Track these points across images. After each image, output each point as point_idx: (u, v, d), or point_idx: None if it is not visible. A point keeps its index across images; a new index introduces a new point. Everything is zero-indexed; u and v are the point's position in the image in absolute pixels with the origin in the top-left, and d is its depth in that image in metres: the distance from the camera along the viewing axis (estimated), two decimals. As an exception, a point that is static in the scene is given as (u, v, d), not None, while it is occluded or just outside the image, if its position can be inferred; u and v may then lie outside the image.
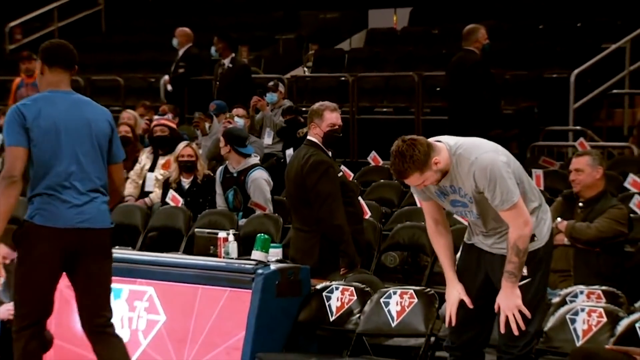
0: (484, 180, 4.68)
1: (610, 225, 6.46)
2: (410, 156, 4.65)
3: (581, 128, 10.46)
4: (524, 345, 4.84)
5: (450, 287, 5.00)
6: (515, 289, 4.77)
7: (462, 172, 4.72)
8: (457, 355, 5.01)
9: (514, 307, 4.78)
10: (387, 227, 8.20)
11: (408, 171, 4.68)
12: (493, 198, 4.70)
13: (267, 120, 10.69)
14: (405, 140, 4.69)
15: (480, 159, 4.68)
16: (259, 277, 6.10)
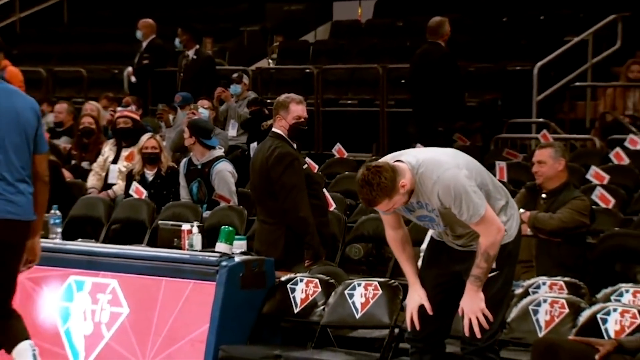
0: (449, 198, 4.72)
1: (572, 216, 6.51)
2: (377, 184, 4.68)
3: (544, 120, 10.53)
4: (488, 337, 4.88)
5: (412, 291, 5.03)
6: (479, 292, 4.82)
7: (426, 191, 4.76)
8: (419, 346, 5.04)
9: (477, 310, 4.83)
10: (352, 219, 8.21)
11: (377, 199, 4.72)
12: (460, 214, 4.76)
13: (231, 112, 10.67)
14: (369, 169, 4.72)
15: (442, 178, 4.71)
16: (223, 269, 6.09)
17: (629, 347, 4.86)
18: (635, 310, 5.22)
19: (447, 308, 5.00)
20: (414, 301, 4.99)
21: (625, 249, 6.80)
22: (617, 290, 5.68)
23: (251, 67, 12.81)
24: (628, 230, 7.08)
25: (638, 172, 8.72)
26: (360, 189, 4.75)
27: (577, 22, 11.99)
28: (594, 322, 5.25)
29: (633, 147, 9.24)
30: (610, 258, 6.89)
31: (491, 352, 4.90)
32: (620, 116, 10.19)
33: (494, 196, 4.88)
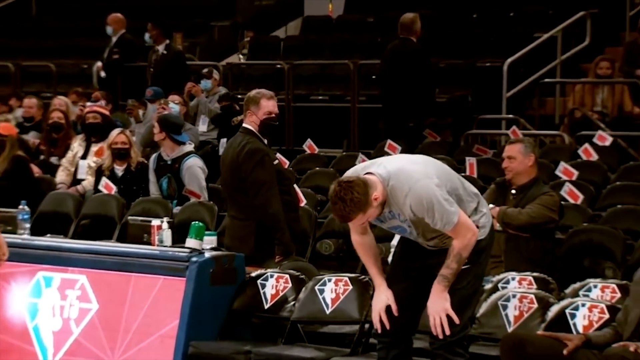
0: (422, 209, 4.74)
1: (541, 211, 6.55)
2: (350, 199, 4.68)
3: (514, 116, 10.57)
4: (456, 332, 4.90)
5: (378, 292, 5.04)
6: (444, 292, 4.84)
7: (398, 202, 4.77)
8: (386, 341, 5.05)
9: (441, 310, 4.85)
10: (323, 215, 8.22)
11: (351, 214, 4.72)
12: (434, 223, 4.78)
13: (202, 107, 10.63)
14: (341, 185, 4.71)
15: (413, 190, 4.72)
16: (193, 265, 6.08)
17: (597, 342, 4.90)
18: (603, 306, 5.27)
19: (416, 303, 5.02)
20: (380, 301, 5.00)
21: (593, 244, 6.85)
22: (585, 286, 5.72)
23: (222, 62, 12.76)
24: (596, 226, 7.14)
25: (606, 168, 8.79)
26: (333, 206, 4.75)
27: (546, 18, 12.05)
28: (563, 317, 5.29)
29: (601, 143, 9.30)
30: (578, 253, 6.94)
31: (459, 347, 4.92)
32: (589, 112, 10.26)
33: (465, 199, 4.91)
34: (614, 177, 8.59)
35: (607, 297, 5.58)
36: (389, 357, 5.02)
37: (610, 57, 10.72)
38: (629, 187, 8.11)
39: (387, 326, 4.97)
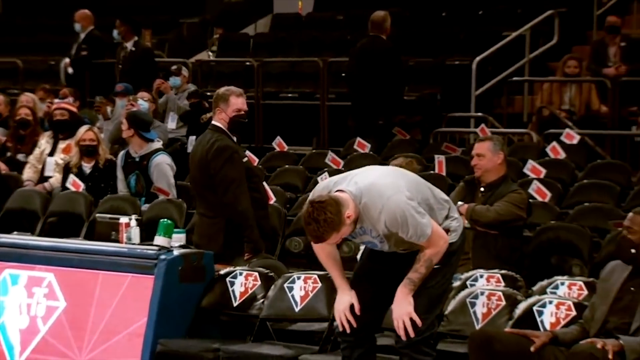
0: (396, 224, 4.77)
1: (509, 209, 6.58)
2: (324, 220, 4.69)
3: (482, 115, 10.62)
4: (422, 331, 4.91)
5: (341, 294, 5.04)
6: (409, 296, 4.86)
7: (372, 219, 4.80)
8: (350, 341, 5.05)
9: (405, 314, 4.86)
10: (292, 213, 8.22)
11: (325, 235, 4.74)
12: (408, 237, 4.81)
13: (170, 104, 10.60)
14: (313, 205, 4.72)
15: (387, 206, 4.75)
16: (161, 263, 6.06)
17: (563, 339, 4.94)
18: (570, 303, 5.31)
19: (380, 302, 5.02)
20: (343, 302, 5.00)
21: (560, 242, 6.90)
22: (552, 283, 5.76)
23: (191, 59, 12.73)
24: (563, 224, 7.19)
25: (574, 166, 8.85)
26: (307, 227, 4.77)
27: (514, 17, 12.12)
28: (530, 314, 5.32)
29: (569, 141, 9.36)
30: (546, 251, 6.99)
31: (426, 345, 4.93)
32: (556, 111, 10.32)
33: (436, 207, 4.95)
34: (582, 175, 8.65)
35: (574, 295, 5.62)
36: (354, 356, 5.02)
37: (578, 56, 10.80)
38: (596, 185, 8.17)
39: (353, 324, 4.97)
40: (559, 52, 11.31)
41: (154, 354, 5.94)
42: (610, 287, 4.92)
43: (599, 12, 11.95)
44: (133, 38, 11.33)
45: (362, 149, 9.80)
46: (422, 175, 7.78)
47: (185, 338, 6.05)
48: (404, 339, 4.87)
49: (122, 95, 10.32)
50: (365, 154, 9.71)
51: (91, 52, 11.90)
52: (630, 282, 4.88)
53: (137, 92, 10.25)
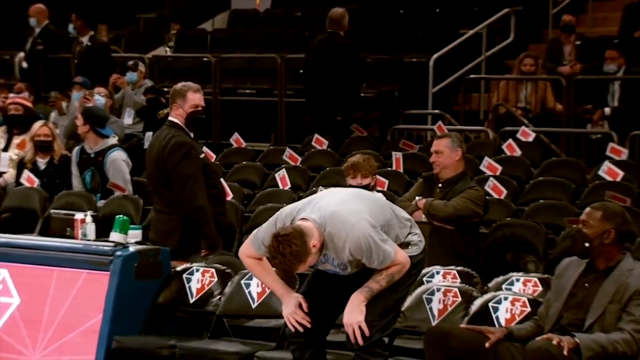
0: (360, 252, 4.82)
1: (466, 205, 6.62)
2: (290, 253, 4.73)
3: (439, 112, 10.68)
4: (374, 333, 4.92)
5: (287, 297, 5.04)
6: (363, 304, 4.89)
7: (337, 247, 4.85)
8: (300, 342, 5.05)
9: (355, 322, 4.88)
10: (249, 209, 8.21)
11: (293, 267, 4.77)
12: (371, 263, 4.87)
13: (127, 100, 10.53)
14: (278, 239, 4.75)
15: (351, 235, 4.80)
16: (117, 259, 6.03)
17: (518, 335, 4.98)
18: (525, 299, 5.35)
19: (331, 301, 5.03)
20: (291, 304, 5.01)
21: (516, 238, 6.96)
22: (508, 279, 5.80)
23: (148, 54, 12.65)
24: (519, 221, 7.25)
25: (529, 163, 8.93)
26: (273, 260, 4.81)
27: (471, 15, 12.20)
28: (486, 311, 5.36)
29: (525, 139, 9.44)
30: (501, 247, 7.04)
31: (378, 346, 4.94)
32: (512, 108, 10.41)
33: (398, 226, 5.01)
34: (537, 173, 8.74)
35: (529, 291, 5.67)
36: (305, 357, 5.03)
37: (534, 54, 10.90)
38: (551, 183, 8.25)
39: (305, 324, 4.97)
40: (515, 50, 11.41)
41: (109, 351, 5.90)
42: (564, 284, 4.97)
43: (554, 10, 12.07)
44: (89, 33, 11.24)
45: (320, 145, 9.81)
46: (380, 172, 7.86)
47: (141, 335, 6.02)
48: (353, 343, 4.90)
49: (79, 87, 10.23)
50: (323, 150, 9.73)
51: (46, 47, 11.79)
52: (584, 278, 4.93)
53: (94, 87, 10.18)
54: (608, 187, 7.65)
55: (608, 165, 8.20)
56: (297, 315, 4.99)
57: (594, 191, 7.81)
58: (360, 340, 4.86)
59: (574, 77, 10.24)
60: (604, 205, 4.97)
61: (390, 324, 5.02)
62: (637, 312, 4.74)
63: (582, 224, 4.92)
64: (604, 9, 12.45)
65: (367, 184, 6.68)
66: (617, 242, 4.88)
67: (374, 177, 6.77)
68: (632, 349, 4.71)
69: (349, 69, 9.69)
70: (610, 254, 4.89)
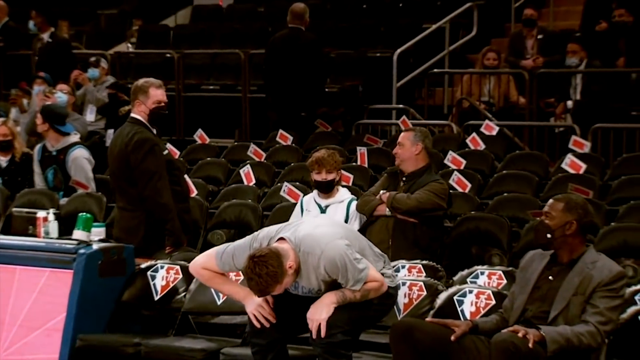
0: (335, 269, 4.90)
1: (429, 198, 6.63)
2: (266, 273, 4.79)
3: (404, 106, 10.71)
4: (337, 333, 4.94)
5: (249, 298, 5.05)
6: (332, 305, 4.92)
7: (311, 266, 4.90)
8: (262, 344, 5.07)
9: (317, 320, 4.92)
10: (214, 205, 8.19)
11: (269, 288, 4.83)
12: (346, 282, 4.93)
13: (89, 96, 10.46)
14: (254, 260, 4.80)
15: (326, 252, 4.88)
16: (80, 257, 6.00)
17: (483, 327, 5.00)
18: (490, 292, 5.38)
19: (294, 305, 5.05)
20: (254, 302, 5.03)
21: (480, 232, 6.99)
22: (472, 273, 5.84)
23: (109, 51, 12.57)
24: (483, 214, 7.29)
25: (493, 157, 8.97)
26: (249, 282, 4.83)
27: (434, 9, 12.24)
28: (451, 304, 5.38)
29: (488, 132, 9.48)
30: (466, 241, 7.08)
31: (342, 347, 4.95)
32: (476, 102, 10.46)
33: (373, 259, 5.08)
34: (501, 166, 8.78)
35: (493, 284, 5.71)
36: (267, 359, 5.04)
37: (496, 49, 10.96)
38: (515, 176, 8.30)
39: (270, 319, 4.99)
40: (478, 44, 11.47)
41: (73, 349, 5.87)
42: (529, 276, 4.99)
43: (516, 4, 12.14)
44: (49, 29, 11.15)
45: (285, 141, 9.80)
46: (345, 167, 7.86)
47: (105, 333, 6.00)
48: (314, 337, 4.92)
49: (40, 81, 10.14)
50: (287, 146, 9.72)
51: (6, 44, 11.69)
52: (548, 271, 4.96)
53: (55, 84, 10.10)
54: (571, 180, 7.70)
55: (571, 158, 8.25)
56: (264, 309, 4.99)
57: (557, 184, 7.87)
58: (314, 336, 4.89)
59: (537, 70, 10.30)
60: (566, 197, 5.00)
61: (353, 333, 5.03)
62: (601, 304, 4.77)
63: (545, 215, 4.95)
64: (565, 3, 12.54)
65: (332, 179, 6.69)
66: (579, 233, 4.91)
67: (338, 172, 6.78)
68: (596, 341, 4.75)
69: (312, 64, 9.68)
70: (573, 245, 4.92)
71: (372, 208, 6.64)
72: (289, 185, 7.83)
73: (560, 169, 8.34)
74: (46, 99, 9.22)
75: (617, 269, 4.85)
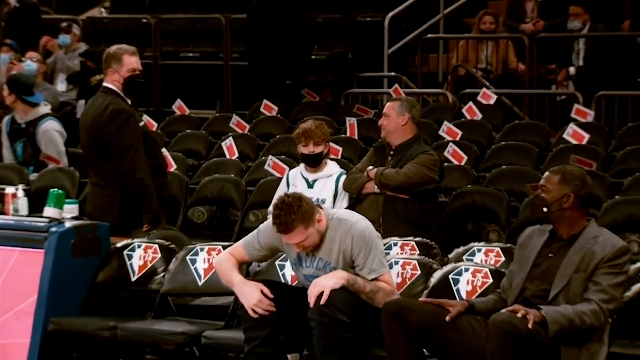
0: (361, 244, 5.06)
1: (419, 171, 6.62)
2: (298, 206, 4.97)
3: (396, 74, 10.70)
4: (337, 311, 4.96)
5: (245, 287, 5.13)
6: (340, 280, 4.98)
7: (339, 234, 5.04)
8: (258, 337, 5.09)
9: (322, 285, 4.96)
10: (194, 180, 8.19)
11: (295, 222, 4.96)
12: (364, 264, 5.04)
13: (60, 65, 10.43)
14: (288, 195, 5.05)
15: (360, 223, 5.11)
16: (52, 236, 6.00)
17: (480, 308, 5.02)
18: (487, 270, 5.40)
19: (297, 302, 5.10)
20: (254, 295, 5.06)
21: (477, 206, 7.02)
22: (469, 250, 5.85)
23: (81, 16, 12.52)
24: (480, 188, 7.31)
25: (491, 127, 8.99)
26: (277, 212, 4.97)
27: (427, -30, 12.20)
28: (446, 283, 5.41)
29: (486, 101, 9.49)
30: (462, 216, 7.11)
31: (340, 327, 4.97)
32: (472, 69, 10.46)
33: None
34: (499, 137, 8.80)
35: (491, 262, 5.73)
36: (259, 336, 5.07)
37: (494, 12, 10.94)
38: (514, 147, 8.33)
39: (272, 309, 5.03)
40: (474, 7, 11.44)
41: (46, 333, 5.88)
42: (527, 254, 5.01)
43: (515, -36, 12.10)
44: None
45: (269, 111, 9.80)
46: (334, 139, 7.87)
47: (79, 316, 6.00)
48: (311, 305, 4.94)
49: (7, 49, 10.09)
50: (272, 117, 9.73)
51: (-30, 9, 11.63)
52: (547, 247, 4.97)
53: (23, 51, 10.05)
54: (573, 151, 7.73)
55: (573, 127, 8.28)
56: (262, 304, 5.06)
57: (559, 155, 7.89)
58: (312, 301, 4.92)
59: (537, 35, 10.29)
60: (562, 169, 5.01)
61: (351, 322, 5.02)
62: (604, 281, 4.79)
63: (541, 189, 4.97)
64: (567, -37, 12.52)
65: (319, 152, 6.69)
66: (578, 206, 4.92)
67: (327, 145, 6.78)
68: (599, 320, 4.77)
69: (298, 30, 9.66)
70: (573, 220, 4.93)
71: (360, 186, 6.65)
72: (273, 159, 7.84)
73: (561, 140, 8.36)
74: (13, 67, 9.18)
75: (620, 244, 4.86)
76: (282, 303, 5.11)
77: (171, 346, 5.65)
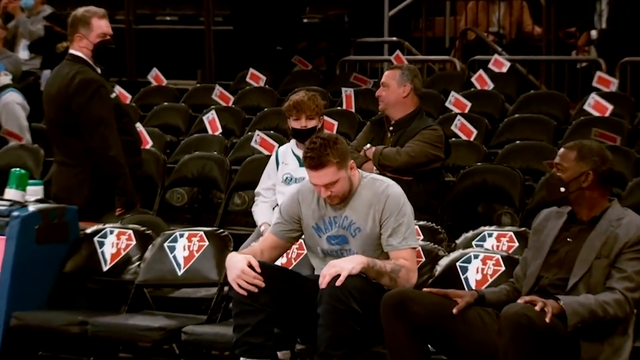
0: (394, 208, 5.13)
1: (423, 149, 6.63)
2: (335, 142, 5.09)
3: (397, 39, 10.72)
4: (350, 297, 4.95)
5: (231, 259, 5.11)
6: (359, 264, 4.98)
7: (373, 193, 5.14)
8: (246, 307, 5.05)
9: (339, 268, 4.95)
10: (173, 159, 8.22)
11: (329, 157, 5.04)
12: (395, 230, 5.09)
13: (22, 30, 10.43)
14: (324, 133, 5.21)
15: (395, 186, 5.21)
16: (14, 220, 6.01)
17: (491, 299, 5.03)
18: (498, 257, 5.42)
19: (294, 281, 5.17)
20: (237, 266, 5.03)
21: (488, 186, 7.04)
22: (479, 235, 5.88)
23: (46, -25, 12.51)
24: (491, 166, 7.34)
25: (503, 98, 9.01)
26: (311, 145, 5.08)
27: None
28: (453, 271, 5.43)
29: (498, 69, 9.51)
30: (471, 197, 7.13)
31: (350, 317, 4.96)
32: (483, 34, 10.48)
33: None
34: (512, 109, 8.83)
35: (503, 247, 5.75)
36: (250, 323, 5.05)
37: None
38: (529, 120, 8.36)
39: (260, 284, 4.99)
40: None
41: (8, 328, 5.90)
42: (543, 239, 5.02)
43: None
44: (-28, -50, 11.08)
45: (256, 82, 9.81)
46: (328, 112, 7.87)
47: (45, 310, 6.02)
48: (322, 286, 4.93)
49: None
50: (259, 87, 9.74)
51: None
52: (565, 231, 4.98)
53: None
54: (595, 124, 7.76)
55: (595, 98, 8.30)
56: (246, 275, 5.00)
57: (579, 129, 7.92)
58: (324, 283, 4.92)
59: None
60: (579, 144, 5.01)
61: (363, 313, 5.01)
62: (629, 268, 4.80)
63: (556, 167, 4.97)
64: None
65: (312, 126, 6.68)
66: (598, 185, 4.92)
67: (320, 119, 6.77)
68: (624, 311, 4.79)
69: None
70: (593, 200, 4.94)
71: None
72: (261, 135, 7.85)
73: (582, 111, 8.39)
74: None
75: (646, 227, 4.88)
76: (280, 288, 5.09)
77: (147, 343, 5.68)
